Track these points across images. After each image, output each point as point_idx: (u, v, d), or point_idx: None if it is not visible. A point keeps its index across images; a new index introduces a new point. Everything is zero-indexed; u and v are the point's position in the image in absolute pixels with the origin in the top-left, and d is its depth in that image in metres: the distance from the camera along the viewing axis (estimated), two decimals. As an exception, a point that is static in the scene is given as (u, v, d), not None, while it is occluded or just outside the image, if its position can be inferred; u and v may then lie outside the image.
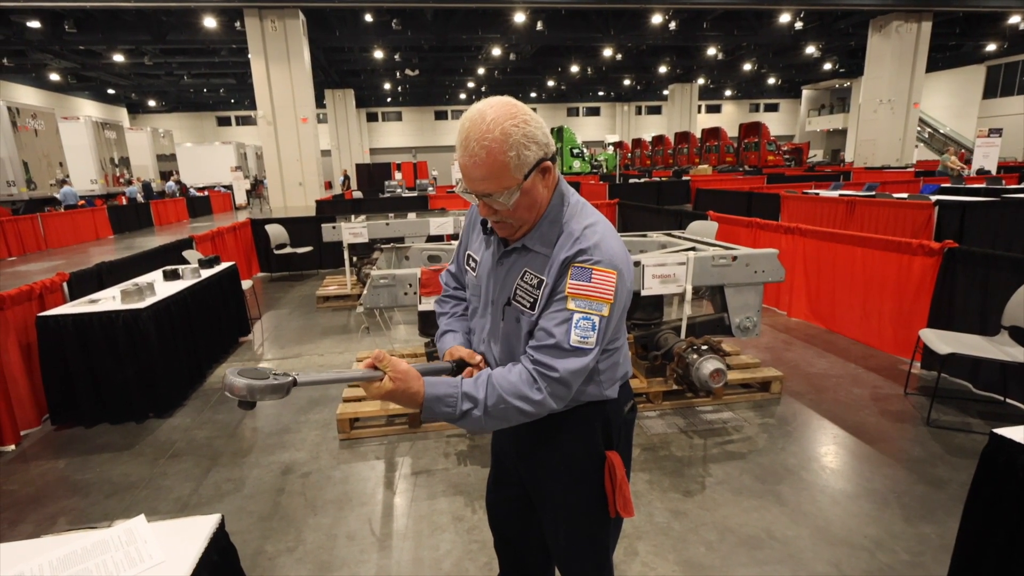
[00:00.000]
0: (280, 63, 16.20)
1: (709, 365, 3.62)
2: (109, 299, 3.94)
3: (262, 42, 15.99)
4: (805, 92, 39.71)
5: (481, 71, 28.11)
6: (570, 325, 1.14)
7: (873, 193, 9.14)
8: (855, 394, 3.91)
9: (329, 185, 30.19)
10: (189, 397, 4.18)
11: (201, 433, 3.62)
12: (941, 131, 30.29)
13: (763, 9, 18.11)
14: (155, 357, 3.72)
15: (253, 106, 16.68)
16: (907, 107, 19.68)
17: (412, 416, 3.61)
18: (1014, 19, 19.32)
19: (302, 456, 3.29)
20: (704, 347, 3.74)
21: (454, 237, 6.71)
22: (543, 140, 1.16)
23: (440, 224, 6.62)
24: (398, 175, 23.78)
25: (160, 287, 4.29)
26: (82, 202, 15.09)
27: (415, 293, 3.51)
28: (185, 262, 5.60)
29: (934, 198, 7.37)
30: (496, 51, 22.45)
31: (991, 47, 24.39)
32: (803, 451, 3.19)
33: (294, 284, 8.16)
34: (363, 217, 7.25)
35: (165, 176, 23.01)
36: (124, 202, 17.16)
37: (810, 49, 23.48)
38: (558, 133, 28.24)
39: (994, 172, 13.71)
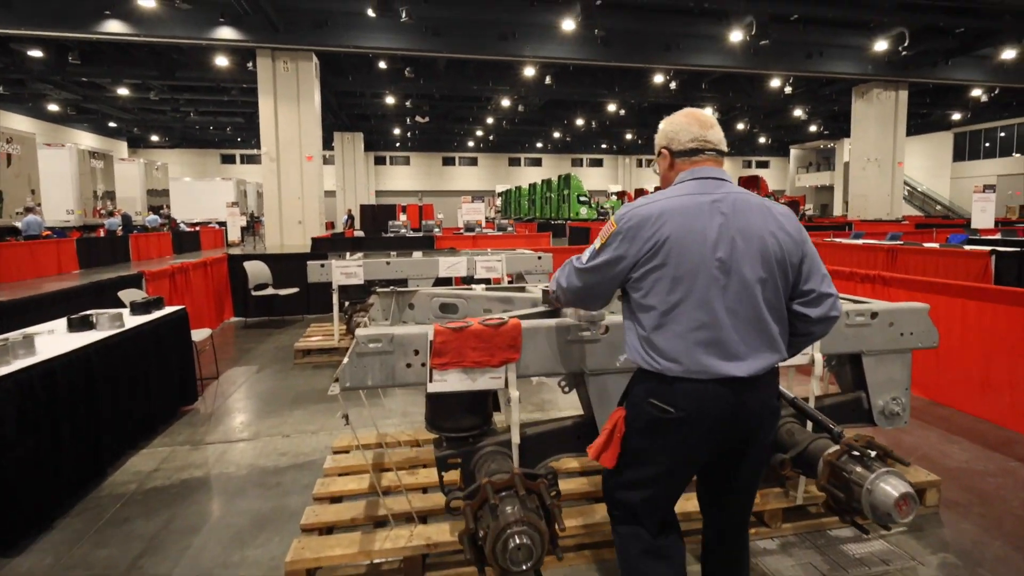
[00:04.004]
0: (289, 102, 15.82)
1: (892, 488, 2.23)
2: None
3: (272, 82, 15.62)
4: (793, 151, 41.47)
5: (490, 120, 28.79)
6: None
7: (900, 242, 8.82)
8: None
9: (331, 225, 29.29)
10: (68, 513, 2.75)
11: (65, 585, 2.21)
12: (919, 189, 33.70)
13: (756, 74, 19.53)
14: (5, 457, 2.35)
15: (260, 144, 15.96)
16: (892, 166, 21.08)
17: (409, 562, 2.24)
18: (976, 92, 21.88)
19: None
20: (872, 453, 2.39)
21: (467, 281, 5.44)
22: (667, 136, 1.74)
23: (452, 264, 5.36)
24: (403, 216, 22.81)
25: (48, 342, 2.97)
26: (47, 233, 13.81)
27: (423, 365, 2.19)
28: (121, 305, 4.31)
29: (986, 247, 7.12)
30: (505, 102, 23.20)
31: (957, 116, 27.51)
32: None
33: (272, 332, 6.83)
34: (360, 254, 6.01)
35: (155, 210, 21.90)
36: (103, 234, 15.97)
37: (798, 112, 25.86)
38: (565, 181, 28.12)
39: (991, 226, 14.53)
